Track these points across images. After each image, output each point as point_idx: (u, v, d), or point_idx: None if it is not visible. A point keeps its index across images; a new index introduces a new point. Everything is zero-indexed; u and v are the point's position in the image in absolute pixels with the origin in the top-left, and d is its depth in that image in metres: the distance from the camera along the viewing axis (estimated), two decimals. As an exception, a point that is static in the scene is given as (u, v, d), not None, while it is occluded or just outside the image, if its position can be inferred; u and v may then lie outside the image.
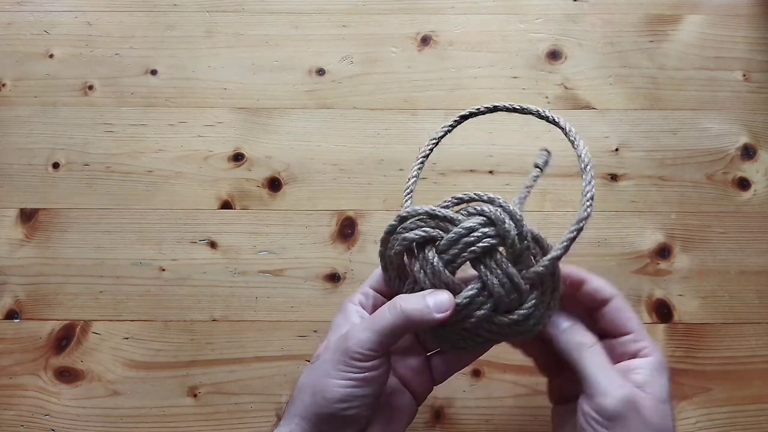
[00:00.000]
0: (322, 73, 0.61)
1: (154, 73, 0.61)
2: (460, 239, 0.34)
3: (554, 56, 0.62)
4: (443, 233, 0.35)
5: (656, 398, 0.34)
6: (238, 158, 0.58)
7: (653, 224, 0.56)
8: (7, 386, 0.52)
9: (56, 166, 0.58)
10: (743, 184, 0.57)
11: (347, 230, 0.56)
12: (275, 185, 0.58)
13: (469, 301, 0.35)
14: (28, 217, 0.57)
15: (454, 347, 0.37)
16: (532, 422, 0.51)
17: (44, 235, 0.56)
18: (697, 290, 0.54)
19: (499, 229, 0.34)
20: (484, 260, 0.35)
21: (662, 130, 0.59)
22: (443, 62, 0.62)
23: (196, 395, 0.52)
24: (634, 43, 0.62)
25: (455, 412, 0.51)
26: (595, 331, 0.37)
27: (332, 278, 0.55)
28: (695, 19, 0.63)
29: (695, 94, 0.60)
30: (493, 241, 0.34)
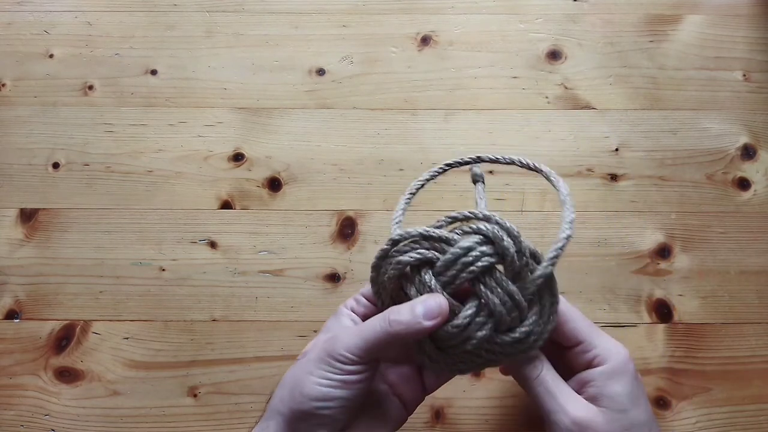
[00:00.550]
0: (322, 73, 0.61)
1: (154, 73, 0.61)
2: (457, 260, 0.33)
3: (554, 56, 0.62)
4: (439, 254, 0.34)
5: (612, 410, 0.34)
6: (238, 158, 0.58)
7: (653, 224, 0.56)
8: (7, 386, 0.52)
9: (56, 166, 0.58)
10: (743, 184, 0.57)
11: (347, 230, 0.56)
12: (275, 185, 0.58)
13: (468, 321, 0.34)
14: (28, 217, 0.57)
15: (452, 370, 0.36)
16: (532, 422, 0.51)
17: (44, 235, 0.56)
18: (697, 290, 0.54)
19: (497, 247, 0.34)
20: (483, 279, 0.34)
21: (662, 130, 0.59)
22: (443, 62, 0.62)
23: (196, 395, 0.52)
24: (634, 43, 0.62)
25: (455, 412, 0.51)
26: (551, 346, 0.37)
27: (332, 278, 0.55)
28: (695, 19, 0.63)
29: (695, 94, 0.60)
30: (492, 259, 0.33)
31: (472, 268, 0.33)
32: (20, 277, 0.55)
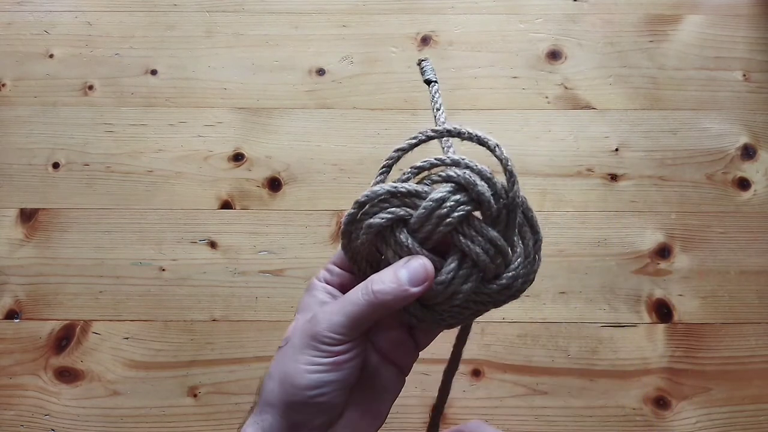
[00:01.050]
0: (322, 73, 0.61)
1: (154, 73, 0.61)
2: (431, 213, 0.31)
3: (554, 56, 0.62)
4: (411, 210, 0.32)
5: None
6: (238, 158, 0.58)
7: (653, 224, 0.56)
8: (7, 386, 0.52)
9: (56, 166, 0.58)
10: (743, 184, 0.57)
11: (347, 230, 0.56)
12: (275, 185, 0.58)
13: (452, 276, 0.31)
14: (28, 217, 0.57)
15: (441, 324, 0.34)
16: (532, 422, 0.51)
17: (44, 235, 0.56)
18: (697, 290, 0.54)
19: (472, 193, 0.31)
20: (462, 230, 0.31)
21: (662, 130, 0.59)
22: (443, 62, 0.62)
23: (196, 395, 0.52)
24: (634, 43, 0.62)
25: (455, 412, 0.51)
26: None
27: (332, 278, 0.55)
28: (695, 19, 0.63)
29: (695, 94, 0.60)
30: (468, 207, 0.31)
31: (448, 220, 0.31)
32: (20, 277, 0.55)
